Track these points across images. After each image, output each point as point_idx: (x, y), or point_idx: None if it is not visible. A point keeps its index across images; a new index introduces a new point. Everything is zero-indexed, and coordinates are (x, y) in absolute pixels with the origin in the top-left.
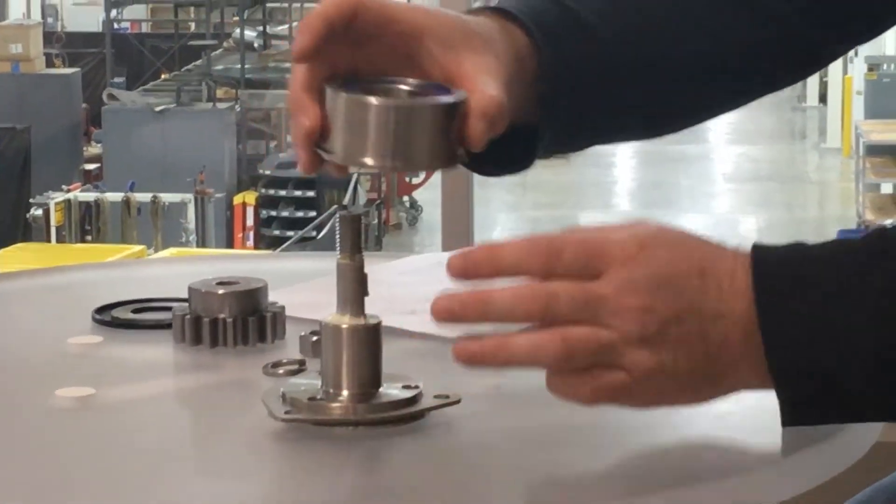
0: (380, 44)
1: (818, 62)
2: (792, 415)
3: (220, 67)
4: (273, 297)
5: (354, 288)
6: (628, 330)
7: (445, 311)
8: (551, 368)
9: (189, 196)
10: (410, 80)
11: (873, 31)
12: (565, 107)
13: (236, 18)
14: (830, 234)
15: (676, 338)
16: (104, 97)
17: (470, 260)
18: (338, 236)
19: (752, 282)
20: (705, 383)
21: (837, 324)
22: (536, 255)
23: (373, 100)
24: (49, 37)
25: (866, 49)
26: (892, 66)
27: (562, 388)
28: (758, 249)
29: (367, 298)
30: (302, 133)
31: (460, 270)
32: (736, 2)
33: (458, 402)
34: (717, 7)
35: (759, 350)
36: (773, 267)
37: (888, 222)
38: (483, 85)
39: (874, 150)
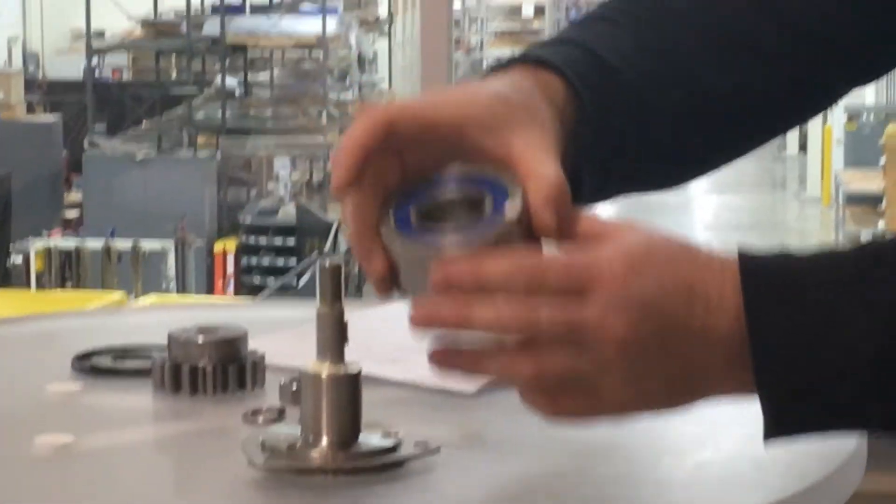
0: (423, 147)
1: (828, 101)
2: (776, 430)
3: (201, 115)
4: (253, 344)
5: (334, 336)
6: (609, 359)
7: (425, 317)
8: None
9: (169, 243)
10: (460, 176)
11: (880, 71)
12: (597, 153)
13: (217, 66)
14: None
15: (657, 361)
16: (85, 144)
17: (454, 272)
18: (318, 285)
19: (743, 300)
20: (682, 398)
21: (831, 341)
22: (521, 276)
23: (434, 246)
24: (30, 84)
25: (846, 99)
26: (872, 116)
27: (527, 399)
28: (745, 261)
29: (346, 346)
30: (374, 279)
31: (443, 281)
32: (748, 44)
33: (437, 450)
34: (732, 50)
35: (746, 368)
36: (763, 282)
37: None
38: (538, 166)
39: (854, 200)
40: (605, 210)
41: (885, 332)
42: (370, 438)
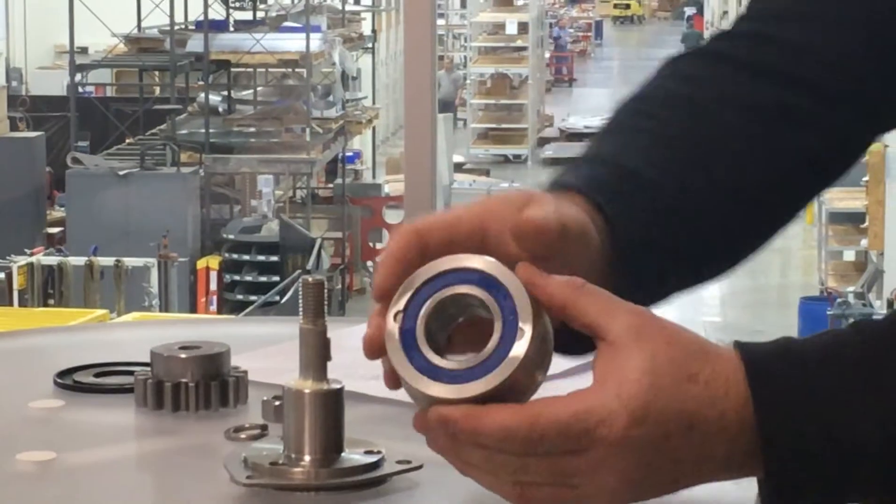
0: (452, 252)
1: (861, 152)
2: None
3: (184, 131)
4: (236, 361)
5: (317, 353)
6: (596, 493)
7: (423, 430)
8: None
9: (152, 260)
10: (478, 276)
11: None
12: (646, 263)
13: (201, 83)
14: (793, 301)
15: (648, 489)
16: (68, 161)
17: (450, 423)
18: (301, 301)
19: (755, 422)
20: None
21: (840, 436)
22: (515, 441)
23: (429, 395)
24: (13, 100)
25: None
26: None
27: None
28: (753, 375)
29: (329, 363)
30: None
31: (439, 425)
32: (778, 117)
33: (419, 467)
34: (762, 128)
35: (745, 467)
36: (770, 393)
37: (850, 289)
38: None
39: (837, 218)
40: None
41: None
42: (353, 455)
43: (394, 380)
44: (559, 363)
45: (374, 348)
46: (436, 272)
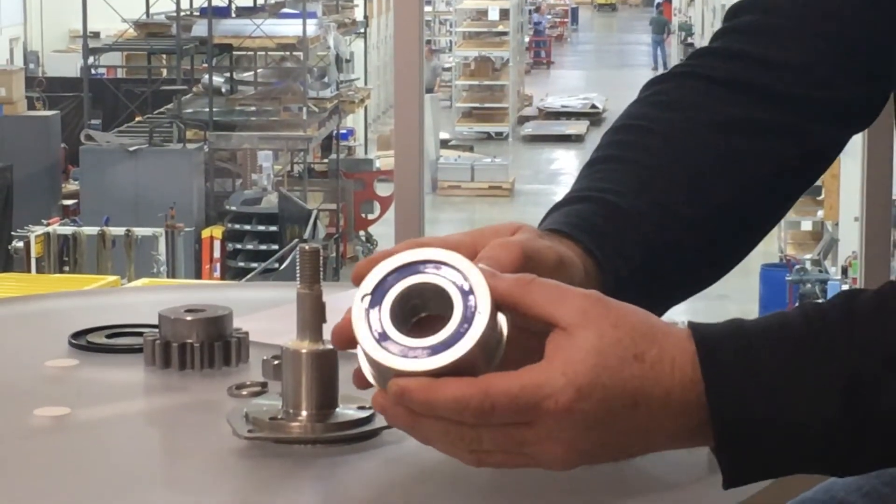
0: None
1: (835, 153)
2: (734, 483)
3: (189, 110)
4: (238, 323)
5: (313, 316)
6: (548, 461)
7: (380, 408)
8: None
9: (160, 230)
10: (442, 261)
11: (871, 116)
12: (637, 293)
13: (205, 65)
14: (755, 268)
15: (599, 455)
16: (81, 138)
17: (407, 394)
18: (298, 268)
19: (706, 395)
20: (618, 458)
21: (789, 402)
22: (469, 411)
23: (392, 367)
24: (30, 81)
25: None
26: None
27: (452, 440)
28: (701, 343)
29: (325, 325)
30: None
31: (396, 397)
32: (748, 131)
33: None
34: (733, 144)
35: (693, 438)
36: (719, 368)
37: (807, 256)
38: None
39: None
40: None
41: (843, 392)
42: (346, 410)
43: (361, 380)
44: None
45: (343, 338)
46: (404, 262)
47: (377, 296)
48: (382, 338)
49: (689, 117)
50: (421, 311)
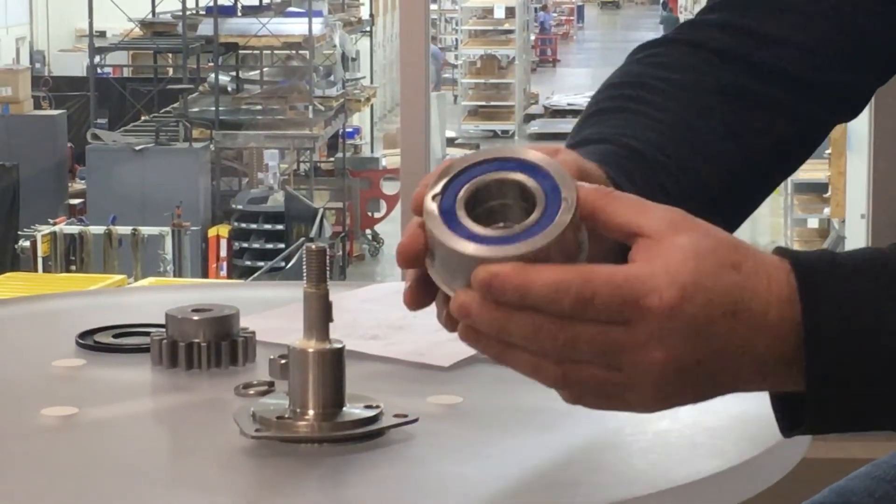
0: None
1: (824, 136)
2: (817, 419)
3: (195, 109)
4: (244, 323)
5: (320, 315)
6: (641, 377)
7: (464, 309)
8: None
9: (167, 229)
10: (515, 161)
11: (861, 103)
12: None
13: (211, 64)
14: None
15: (691, 380)
16: (88, 137)
17: (498, 279)
18: (304, 267)
19: (794, 274)
20: (706, 399)
21: (878, 309)
22: (567, 299)
23: (476, 256)
24: (37, 81)
25: None
26: None
27: (545, 369)
28: (794, 262)
29: (331, 324)
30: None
31: (485, 285)
32: (746, 100)
33: (416, 420)
34: (731, 109)
35: (787, 369)
36: (812, 262)
37: None
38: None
39: (801, 188)
40: None
41: None
42: (353, 409)
43: (417, 296)
44: None
45: (409, 254)
46: (473, 161)
47: (449, 195)
48: (462, 231)
49: (689, 79)
50: (498, 217)
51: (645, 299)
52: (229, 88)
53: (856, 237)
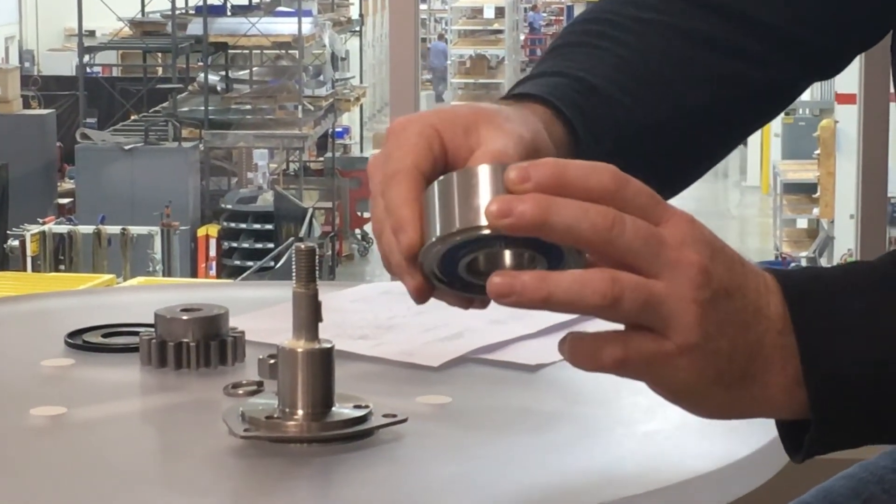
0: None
1: (794, 96)
2: (820, 422)
3: (185, 109)
4: (234, 322)
5: (309, 314)
6: (682, 285)
7: (502, 211)
8: (594, 312)
9: (156, 229)
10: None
11: (835, 67)
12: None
13: (200, 64)
14: None
15: (724, 314)
16: (77, 136)
17: (533, 166)
18: (294, 267)
19: (780, 286)
20: (737, 382)
21: (871, 329)
22: (605, 173)
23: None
24: (26, 80)
25: None
26: (807, 110)
27: (588, 349)
28: (774, 272)
29: (320, 324)
30: (414, 288)
31: (521, 175)
32: (719, 49)
33: (405, 420)
34: (703, 55)
35: (792, 354)
36: (798, 278)
37: (803, 254)
38: (488, 143)
39: (790, 188)
40: None
41: None
42: (342, 409)
43: (425, 291)
44: (537, 322)
45: (423, 294)
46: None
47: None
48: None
49: (661, 21)
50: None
51: (666, 204)
52: (219, 88)
53: (845, 237)
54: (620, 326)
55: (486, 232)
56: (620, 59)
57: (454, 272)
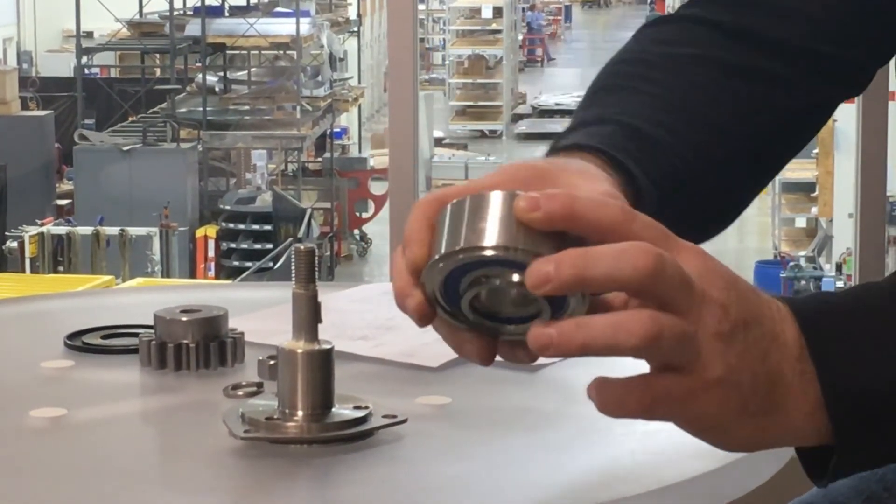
0: None
1: (829, 115)
2: (844, 445)
3: (183, 110)
4: (233, 323)
5: (308, 315)
6: (707, 322)
7: (539, 274)
8: (632, 354)
9: (154, 230)
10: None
11: (862, 83)
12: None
13: (199, 64)
14: (750, 265)
15: (744, 344)
16: (75, 137)
17: (545, 196)
18: (293, 267)
19: (792, 312)
20: (760, 411)
21: (887, 348)
22: (614, 208)
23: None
24: (24, 81)
25: None
26: None
27: (615, 398)
28: (784, 299)
29: (320, 325)
30: (414, 310)
31: (532, 204)
32: (754, 78)
33: (404, 421)
34: (739, 87)
35: (813, 376)
36: (810, 303)
37: (802, 253)
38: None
39: (789, 188)
40: None
41: None
42: (342, 410)
43: (426, 312)
44: None
45: (424, 314)
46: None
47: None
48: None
49: (691, 55)
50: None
51: (675, 237)
52: (217, 89)
53: (843, 236)
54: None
55: (489, 253)
56: (661, 99)
57: (457, 304)
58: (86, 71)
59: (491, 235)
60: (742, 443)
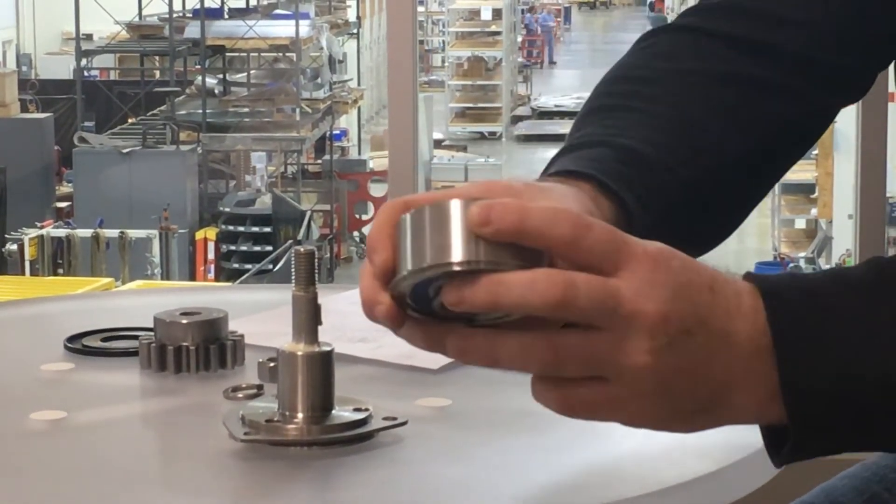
0: None
1: (830, 121)
2: (800, 437)
3: (183, 112)
4: (233, 326)
5: (308, 318)
6: (635, 338)
7: (456, 294)
8: (537, 370)
9: (154, 232)
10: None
11: (861, 89)
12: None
13: (198, 67)
14: (750, 266)
15: (683, 354)
16: (75, 140)
17: (496, 209)
18: (293, 269)
19: (763, 303)
20: (700, 411)
21: (851, 344)
22: (565, 223)
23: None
24: (23, 84)
25: None
26: None
27: (541, 394)
28: (755, 277)
29: (320, 327)
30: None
31: (483, 218)
32: (753, 89)
33: (404, 423)
34: (738, 98)
35: (766, 371)
36: (782, 290)
37: (802, 254)
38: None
39: (789, 189)
40: None
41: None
42: (342, 412)
43: (399, 317)
44: None
45: (395, 318)
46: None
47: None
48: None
49: (693, 70)
50: None
51: (632, 241)
52: (216, 91)
53: (843, 237)
54: None
55: (455, 269)
56: (658, 116)
57: (426, 302)
58: (85, 73)
59: (456, 250)
60: (689, 431)
